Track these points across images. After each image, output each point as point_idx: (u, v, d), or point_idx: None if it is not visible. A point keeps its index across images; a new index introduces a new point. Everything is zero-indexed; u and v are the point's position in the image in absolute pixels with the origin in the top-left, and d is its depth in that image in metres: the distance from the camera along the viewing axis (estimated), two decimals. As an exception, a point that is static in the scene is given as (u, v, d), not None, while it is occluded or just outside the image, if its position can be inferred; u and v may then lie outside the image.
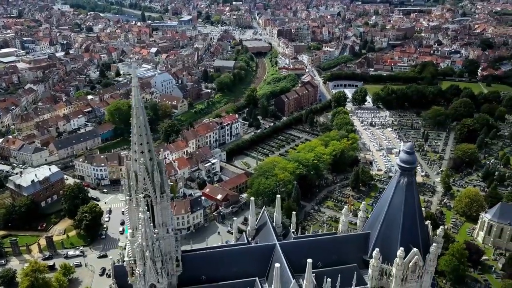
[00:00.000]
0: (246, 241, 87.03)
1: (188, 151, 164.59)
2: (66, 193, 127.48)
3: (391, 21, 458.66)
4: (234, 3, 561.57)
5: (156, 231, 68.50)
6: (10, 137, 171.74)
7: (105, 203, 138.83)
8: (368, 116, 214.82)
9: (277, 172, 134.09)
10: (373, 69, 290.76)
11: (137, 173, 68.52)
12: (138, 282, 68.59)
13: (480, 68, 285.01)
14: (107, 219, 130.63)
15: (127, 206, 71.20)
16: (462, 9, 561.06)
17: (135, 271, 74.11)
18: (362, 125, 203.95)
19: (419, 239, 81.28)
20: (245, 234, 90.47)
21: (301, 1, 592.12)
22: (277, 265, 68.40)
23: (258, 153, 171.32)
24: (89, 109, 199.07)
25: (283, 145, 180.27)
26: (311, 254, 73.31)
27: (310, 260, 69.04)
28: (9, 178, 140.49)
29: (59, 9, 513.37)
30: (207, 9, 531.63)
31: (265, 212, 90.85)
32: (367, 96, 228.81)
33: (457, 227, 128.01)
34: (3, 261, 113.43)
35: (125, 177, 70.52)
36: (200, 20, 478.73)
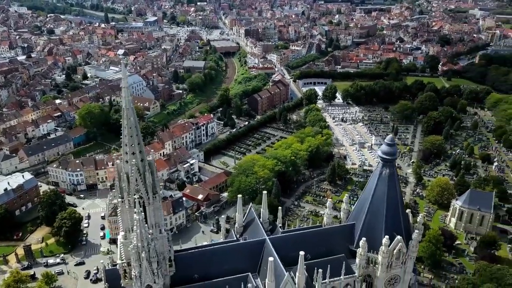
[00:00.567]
0: (234, 238, 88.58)
1: (164, 152, 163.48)
2: (43, 200, 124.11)
3: (354, 20, 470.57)
4: (198, 3, 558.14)
5: (150, 231, 68.54)
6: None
7: (83, 208, 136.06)
8: (339, 112, 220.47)
9: (257, 170, 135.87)
10: (340, 67, 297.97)
11: (128, 175, 68.41)
12: (134, 284, 68.38)
13: (440, 64, 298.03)
14: (86, 225, 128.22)
15: (119, 208, 70.92)
16: (419, 7, 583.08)
17: (128, 274, 74.06)
18: (333, 121, 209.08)
19: (401, 227, 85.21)
20: (233, 231, 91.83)
21: (265, 1, 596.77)
22: (270, 259, 69.80)
23: (235, 152, 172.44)
24: (58, 113, 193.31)
25: (259, 144, 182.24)
26: (300, 247, 75.48)
27: (302, 253, 71.31)
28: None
29: (15, 11, 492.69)
30: (172, 9, 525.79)
31: (252, 208, 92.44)
32: (337, 93, 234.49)
33: (430, 215, 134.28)
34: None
35: (115, 179, 70.44)
36: (166, 21, 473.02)
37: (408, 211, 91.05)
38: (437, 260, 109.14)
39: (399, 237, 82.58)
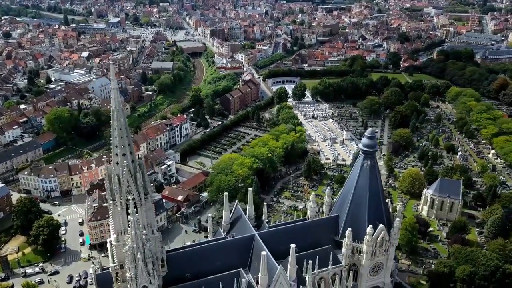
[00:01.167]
0: (222, 236, 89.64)
1: (139, 154, 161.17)
2: (17, 208, 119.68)
3: (316, 19, 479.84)
4: (161, 4, 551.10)
5: (144, 232, 68.53)
6: None
7: (59, 215, 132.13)
8: (309, 109, 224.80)
9: (236, 168, 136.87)
10: (307, 65, 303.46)
11: (120, 176, 68.11)
12: (129, 286, 68.10)
13: (402, 60, 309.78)
14: (63, 232, 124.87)
15: (110, 211, 70.37)
16: (377, 6, 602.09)
17: (120, 277, 73.62)
18: (305, 118, 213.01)
19: (383, 216, 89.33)
20: (220, 229, 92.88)
21: (228, 1, 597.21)
22: (263, 253, 71.42)
23: (211, 152, 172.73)
24: (24, 119, 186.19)
25: (234, 143, 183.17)
26: (289, 241, 77.82)
27: (293, 245, 73.58)
28: None
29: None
30: (134, 10, 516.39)
31: (238, 206, 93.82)
32: (306, 90, 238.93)
33: (403, 204, 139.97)
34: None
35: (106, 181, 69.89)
36: (128, 22, 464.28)
37: (388, 200, 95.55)
38: (413, 247, 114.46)
39: (381, 225, 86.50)
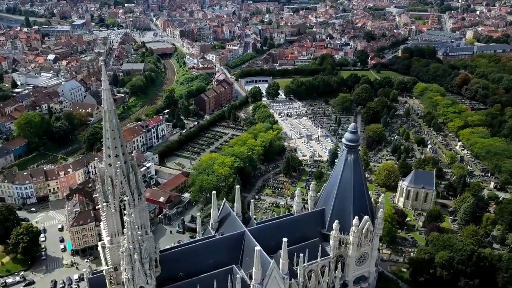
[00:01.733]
0: (212, 234, 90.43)
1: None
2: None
3: (283, 19, 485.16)
4: (126, 5, 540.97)
5: (139, 233, 68.49)
6: None
7: (37, 222, 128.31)
8: (283, 108, 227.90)
9: (217, 168, 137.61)
10: (278, 64, 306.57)
11: (112, 178, 67.86)
12: (126, 287, 67.90)
13: (369, 58, 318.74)
14: (43, 239, 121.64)
15: (104, 213, 69.93)
16: (342, 5, 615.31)
17: (114, 279, 73.31)
18: (280, 116, 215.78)
19: (367, 207, 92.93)
20: (209, 227, 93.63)
21: (194, 1, 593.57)
22: (257, 248, 72.87)
23: (190, 152, 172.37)
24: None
25: (211, 143, 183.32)
26: (278, 235, 79.77)
27: (285, 239, 75.39)
28: None
29: None
30: (99, 12, 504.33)
31: (226, 204, 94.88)
32: (279, 89, 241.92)
33: (383, 197, 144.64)
34: None
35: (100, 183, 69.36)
36: (94, 23, 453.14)
37: (370, 192, 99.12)
38: (393, 237, 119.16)
39: (366, 217, 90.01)
